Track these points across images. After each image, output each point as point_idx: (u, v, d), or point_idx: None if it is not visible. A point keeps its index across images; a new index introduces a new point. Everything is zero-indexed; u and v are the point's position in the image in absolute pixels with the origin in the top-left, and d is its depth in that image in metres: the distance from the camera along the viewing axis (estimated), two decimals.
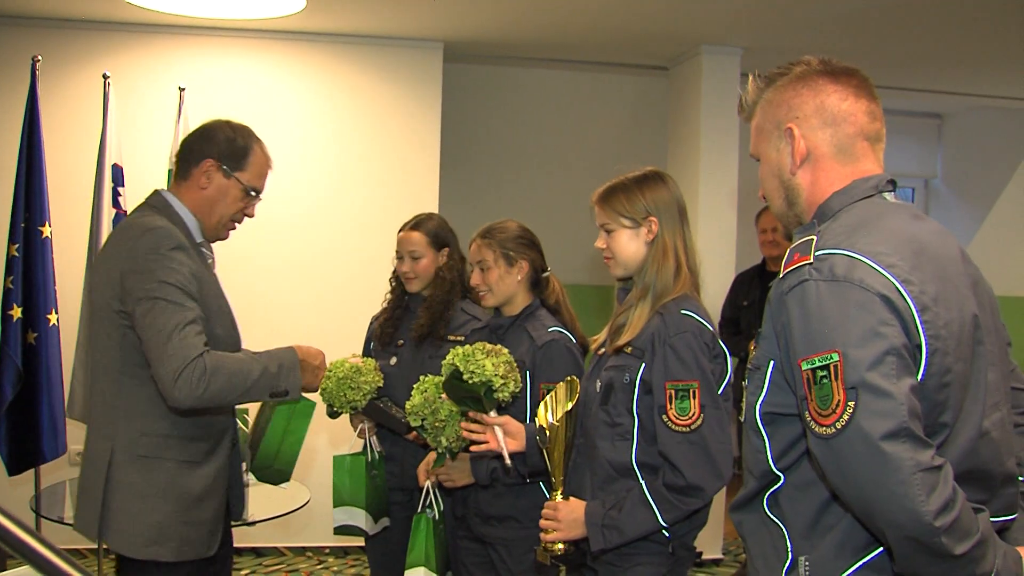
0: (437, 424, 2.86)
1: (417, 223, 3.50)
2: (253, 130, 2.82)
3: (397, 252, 3.50)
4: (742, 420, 1.78)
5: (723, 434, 2.43)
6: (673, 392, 2.40)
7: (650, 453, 2.46)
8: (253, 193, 2.76)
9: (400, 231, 3.51)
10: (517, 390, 2.77)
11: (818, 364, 1.52)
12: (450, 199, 5.94)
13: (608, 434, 2.51)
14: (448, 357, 2.77)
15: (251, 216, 2.82)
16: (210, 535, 2.67)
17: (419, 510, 3.09)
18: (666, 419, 2.40)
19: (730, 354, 5.22)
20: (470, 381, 2.68)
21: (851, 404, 1.48)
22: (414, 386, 2.96)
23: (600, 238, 2.61)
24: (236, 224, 2.81)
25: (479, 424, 2.75)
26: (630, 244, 2.55)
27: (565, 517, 2.50)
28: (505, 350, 2.79)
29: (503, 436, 2.72)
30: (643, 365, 2.46)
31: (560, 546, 2.53)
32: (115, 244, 2.62)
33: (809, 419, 1.54)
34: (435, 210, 5.46)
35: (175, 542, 2.57)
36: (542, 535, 2.56)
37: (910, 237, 1.63)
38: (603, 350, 2.61)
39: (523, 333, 3.04)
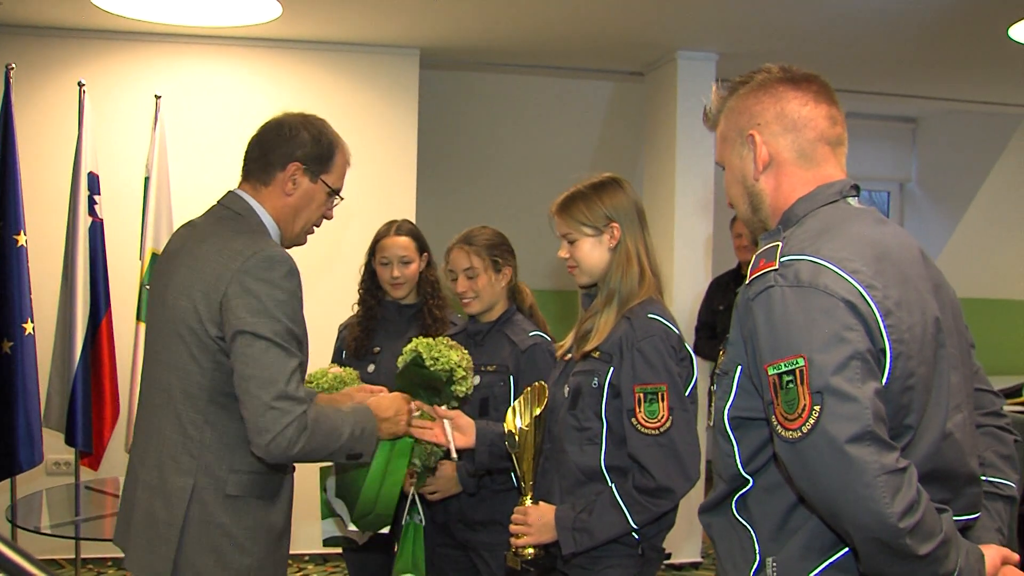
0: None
1: (400, 227, 3.45)
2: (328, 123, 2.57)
3: (382, 259, 3.43)
4: (711, 424, 1.80)
5: (691, 435, 2.46)
6: (642, 395, 2.42)
7: (618, 457, 2.48)
8: (338, 195, 2.56)
9: (384, 237, 3.44)
10: (471, 390, 2.81)
11: (784, 369, 1.54)
12: (427, 205, 5.95)
13: (576, 438, 2.52)
14: (410, 344, 2.79)
15: (330, 219, 2.61)
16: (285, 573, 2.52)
17: (404, 516, 3.08)
18: (635, 422, 2.42)
19: (706, 358, 5.26)
20: (432, 368, 2.70)
21: (817, 408, 1.50)
22: None
23: (563, 248, 2.61)
24: (315, 229, 2.62)
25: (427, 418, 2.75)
26: (593, 252, 2.56)
27: (535, 521, 2.52)
28: (465, 350, 2.83)
29: (451, 430, 2.72)
30: (611, 369, 2.47)
31: (530, 550, 2.54)
32: (209, 259, 2.32)
33: (776, 423, 1.56)
34: (412, 216, 5.47)
35: None
36: (512, 540, 2.57)
37: (873, 242, 1.66)
38: (569, 356, 2.63)
39: (503, 338, 3.07)
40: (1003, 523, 1.84)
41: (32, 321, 4.38)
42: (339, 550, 3.71)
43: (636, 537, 2.47)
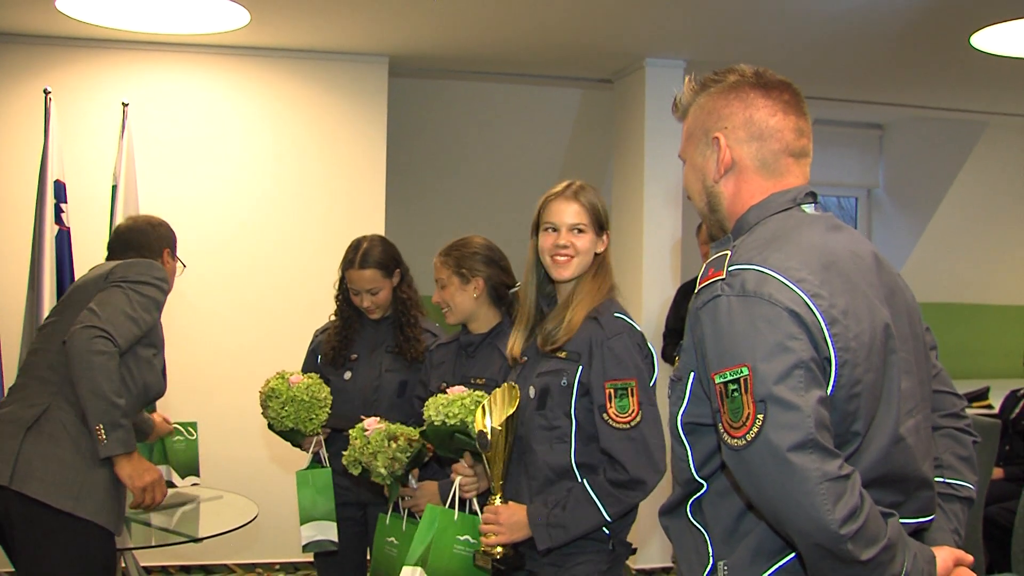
0: (366, 458, 2.89)
1: (364, 259, 3.39)
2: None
3: (351, 288, 3.43)
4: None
5: (658, 429, 2.52)
6: (613, 391, 2.50)
7: (587, 453, 2.54)
8: None
9: (350, 268, 3.41)
10: None
11: (730, 378, 1.56)
12: (396, 213, 5.96)
13: (546, 438, 2.58)
14: (442, 412, 2.75)
15: None
16: (119, 516, 2.83)
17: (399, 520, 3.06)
18: (607, 417, 2.50)
19: (673, 364, 5.27)
20: (470, 430, 2.69)
21: (760, 417, 1.51)
22: (351, 443, 2.95)
23: None
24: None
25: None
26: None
27: (507, 520, 2.56)
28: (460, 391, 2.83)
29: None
30: (580, 368, 2.54)
31: (500, 550, 2.57)
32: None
33: (722, 431, 1.58)
34: (381, 224, 5.48)
35: (94, 503, 2.73)
36: (482, 539, 2.60)
37: (822, 250, 1.66)
38: (526, 358, 2.67)
39: (494, 351, 3.03)
40: (959, 524, 1.85)
41: None
42: (311, 558, 3.70)
43: (607, 532, 2.53)
